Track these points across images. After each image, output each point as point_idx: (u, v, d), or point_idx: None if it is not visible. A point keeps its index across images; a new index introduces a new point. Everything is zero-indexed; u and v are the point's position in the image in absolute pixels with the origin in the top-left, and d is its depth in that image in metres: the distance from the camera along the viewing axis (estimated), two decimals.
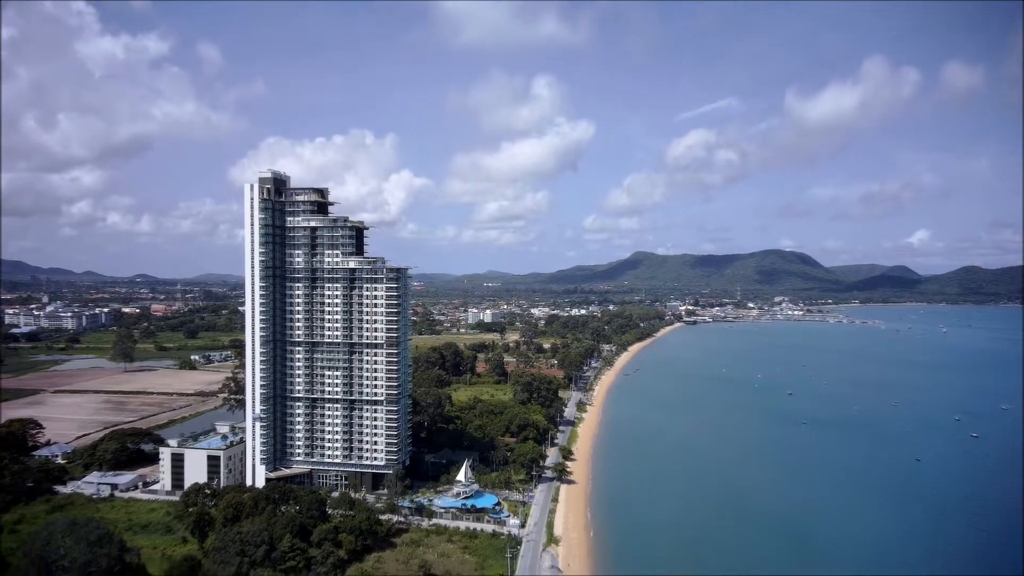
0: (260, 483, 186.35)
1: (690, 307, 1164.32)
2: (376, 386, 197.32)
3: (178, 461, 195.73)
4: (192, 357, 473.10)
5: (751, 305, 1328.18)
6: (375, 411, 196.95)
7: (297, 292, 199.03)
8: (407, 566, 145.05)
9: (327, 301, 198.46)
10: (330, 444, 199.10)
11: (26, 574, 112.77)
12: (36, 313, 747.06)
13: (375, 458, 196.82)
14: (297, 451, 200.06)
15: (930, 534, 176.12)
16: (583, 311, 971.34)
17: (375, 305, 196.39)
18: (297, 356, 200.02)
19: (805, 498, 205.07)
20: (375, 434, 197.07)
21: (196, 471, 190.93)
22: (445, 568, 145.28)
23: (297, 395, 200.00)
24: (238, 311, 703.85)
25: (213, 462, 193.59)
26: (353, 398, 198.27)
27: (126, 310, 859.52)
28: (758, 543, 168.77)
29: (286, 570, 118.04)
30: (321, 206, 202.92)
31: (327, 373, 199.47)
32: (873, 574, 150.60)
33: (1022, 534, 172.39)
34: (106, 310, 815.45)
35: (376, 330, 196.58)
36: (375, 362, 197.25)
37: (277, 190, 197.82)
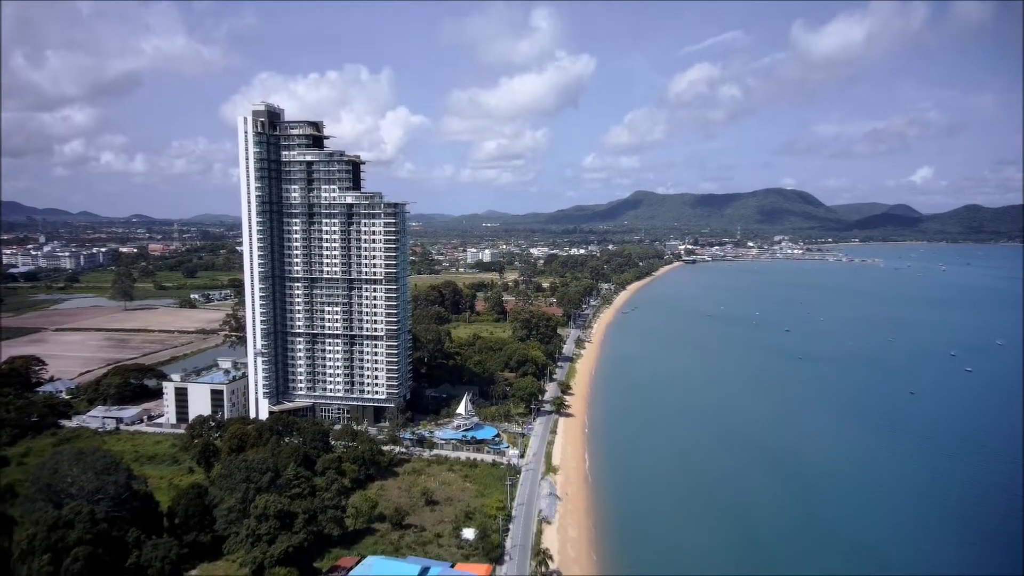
0: (263, 416, 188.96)
1: (689, 246, 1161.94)
2: (376, 321, 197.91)
3: (182, 395, 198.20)
4: (192, 296, 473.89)
5: (750, 244, 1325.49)
6: (375, 346, 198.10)
7: (295, 228, 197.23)
8: (409, 493, 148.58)
9: (325, 237, 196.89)
10: (332, 378, 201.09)
11: (35, 503, 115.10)
12: (34, 253, 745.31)
13: (376, 392, 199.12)
14: (299, 385, 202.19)
15: (920, 464, 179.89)
16: (582, 251, 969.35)
17: (373, 241, 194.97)
18: (296, 292, 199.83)
19: (798, 430, 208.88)
20: (376, 369, 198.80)
21: (200, 405, 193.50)
22: (446, 495, 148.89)
23: (298, 331, 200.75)
24: (236, 251, 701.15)
25: (216, 396, 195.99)
26: (353, 333, 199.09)
27: (124, 250, 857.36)
28: (749, 471, 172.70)
29: (292, 496, 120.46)
30: (316, 140, 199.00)
31: (327, 309, 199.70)
32: (859, 497, 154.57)
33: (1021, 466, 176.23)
34: (104, 250, 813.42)
35: (375, 266, 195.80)
36: (374, 298, 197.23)
37: (271, 123, 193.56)
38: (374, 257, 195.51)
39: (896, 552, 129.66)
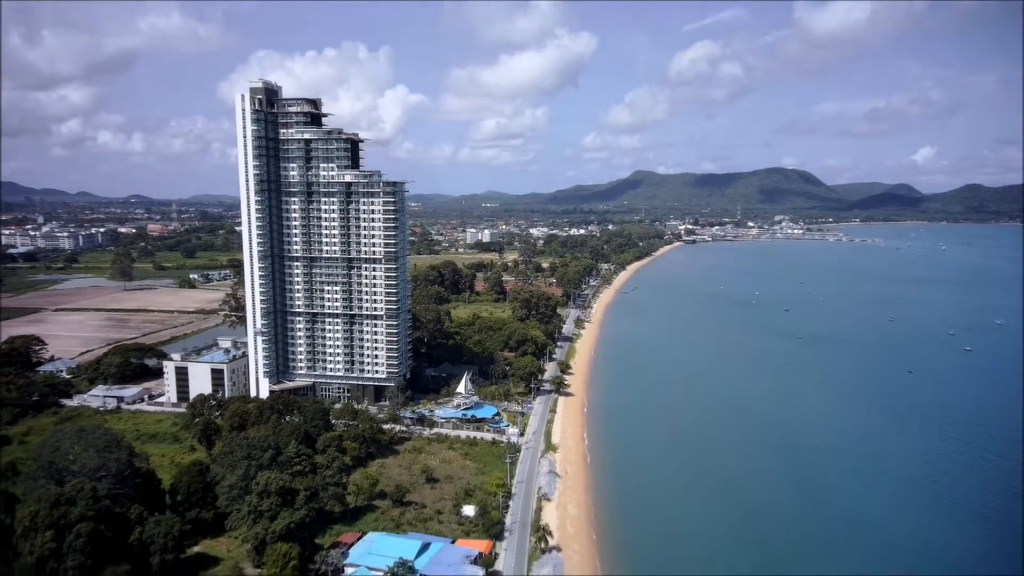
0: (264, 395, 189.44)
1: (690, 226, 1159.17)
2: (375, 301, 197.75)
3: (182, 375, 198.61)
4: (191, 276, 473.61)
5: (751, 224, 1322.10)
6: (375, 325, 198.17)
7: (293, 206, 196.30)
8: (410, 471, 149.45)
9: (324, 215, 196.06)
10: (332, 358, 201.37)
11: (37, 480, 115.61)
12: (32, 233, 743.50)
13: (376, 371, 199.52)
14: (299, 365, 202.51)
15: (916, 441, 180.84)
16: (582, 231, 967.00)
17: (372, 219, 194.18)
18: (296, 271, 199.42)
19: (796, 408, 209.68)
20: (376, 348, 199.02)
21: (200, 384, 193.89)
22: (446, 473, 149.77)
23: (297, 310, 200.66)
24: (235, 231, 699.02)
25: (217, 375, 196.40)
26: (353, 313, 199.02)
27: (122, 230, 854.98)
28: (748, 449, 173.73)
29: (293, 474, 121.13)
30: (315, 117, 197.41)
31: (326, 288, 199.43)
32: (855, 473, 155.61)
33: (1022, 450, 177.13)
34: (102, 230, 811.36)
35: (374, 245, 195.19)
36: (374, 277, 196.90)
37: (269, 101, 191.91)
38: (373, 236, 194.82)
39: (892, 525, 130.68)
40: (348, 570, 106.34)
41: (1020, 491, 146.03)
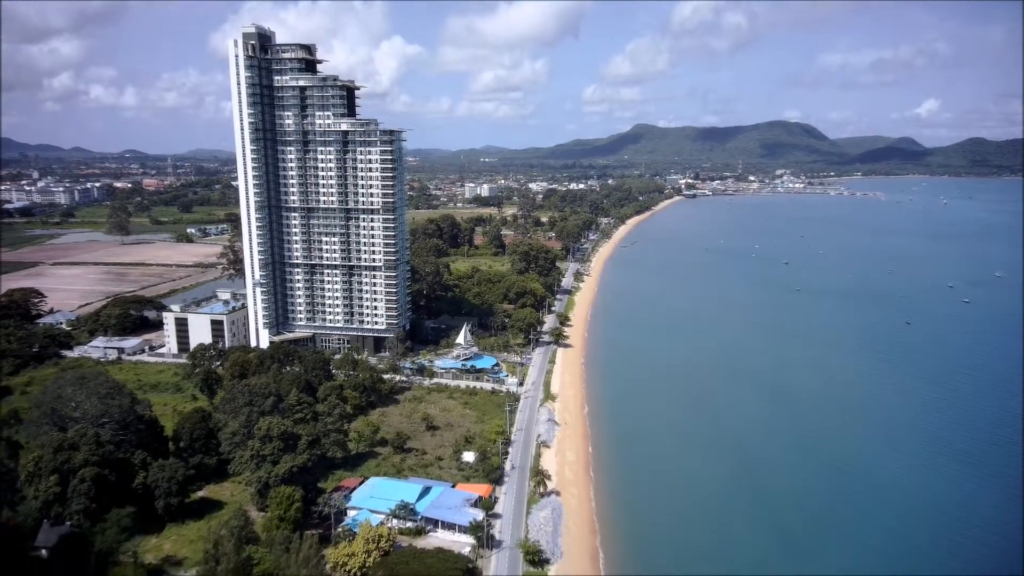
0: (264, 346, 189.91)
1: (690, 181, 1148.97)
2: (374, 252, 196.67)
3: (182, 326, 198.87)
4: (188, 230, 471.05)
5: (752, 178, 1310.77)
6: (374, 276, 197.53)
7: (290, 156, 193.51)
8: (410, 419, 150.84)
9: (321, 165, 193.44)
10: (331, 309, 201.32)
11: (39, 427, 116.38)
12: (28, 189, 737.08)
13: (376, 322, 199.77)
14: (299, 316, 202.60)
15: (911, 389, 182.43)
16: (582, 185, 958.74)
17: (370, 169, 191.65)
18: (293, 222, 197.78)
19: (794, 359, 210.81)
20: (375, 299, 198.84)
21: (200, 335, 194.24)
22: (446, 421, 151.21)
23: (296, 261, 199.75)
24: (231, 186, 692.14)
25: (217, 326, 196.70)
26: (352, 264, 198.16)
27: (118, 185, 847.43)
28: (744, 398, 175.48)
29: (295, 421, 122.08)
30: (309, 64, 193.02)
31: (324, 239, 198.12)
32: (850, 421, 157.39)
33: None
34: (97, 185, 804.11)
35: (372, 195, 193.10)
36: (372, 228, 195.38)
37: (263, 47, 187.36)
38: (371, 186, 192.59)
39: (882, 470, 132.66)
40: (351, 513, 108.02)
41: (1020, 435, 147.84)
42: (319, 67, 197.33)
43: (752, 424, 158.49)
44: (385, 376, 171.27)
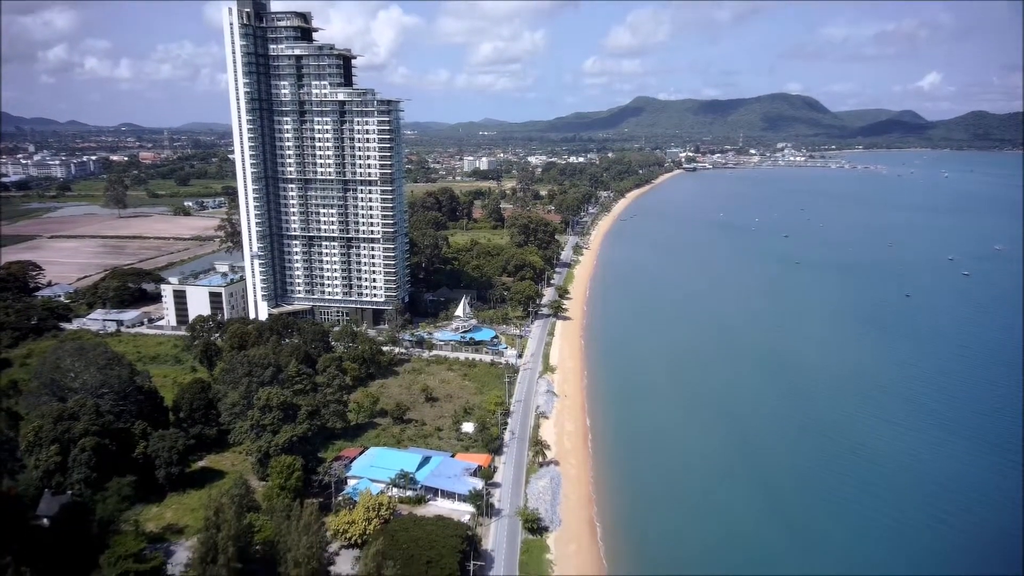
0: (263, 318, 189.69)
1: (690, 154, 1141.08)
2: (372, 224, 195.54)
3: (180, 299, 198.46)
4: (185, 203, 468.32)
5: (752, 152, 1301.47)
6: (372, 249, 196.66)
7: (286, 126, 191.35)
8: (409, 390, 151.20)
9: (318, 136, 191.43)
10: (329, 281, 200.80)
11: (39, 397, 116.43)
12: (24, 162, 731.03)
13: (375, 295, 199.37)
14: (297, 288, 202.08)
15: (907, 361, 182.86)
16: (581, 159, 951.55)
17: (367, 140, 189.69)
18: (291, 193, 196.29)
19: (792, 331, 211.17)
20: (373, 271, 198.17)
21: (199, 308, 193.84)
22: (446, 392, 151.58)
23: (293, 233, 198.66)
24: (228, 159, 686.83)
25: (215, 299, 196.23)
26: (350, 236, 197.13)
27: (114, 158, 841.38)
28: (743, 370, 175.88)
29: (294, 391, 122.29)
30: (305, 32, 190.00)
31: (322, 211, 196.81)
32: (848, 394, 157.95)
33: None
34: (94, 158, 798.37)
35: (369, 166, 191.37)
36: (370, 199, 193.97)
37: (257, 15, 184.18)
38: (368, 157, 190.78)
39: (884, 447, 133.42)
40: (351, 481, 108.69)
41: (1019, 406, 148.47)
42: (315, 36, 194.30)
43: (749, 395, 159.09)
44: (384, 348, 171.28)
